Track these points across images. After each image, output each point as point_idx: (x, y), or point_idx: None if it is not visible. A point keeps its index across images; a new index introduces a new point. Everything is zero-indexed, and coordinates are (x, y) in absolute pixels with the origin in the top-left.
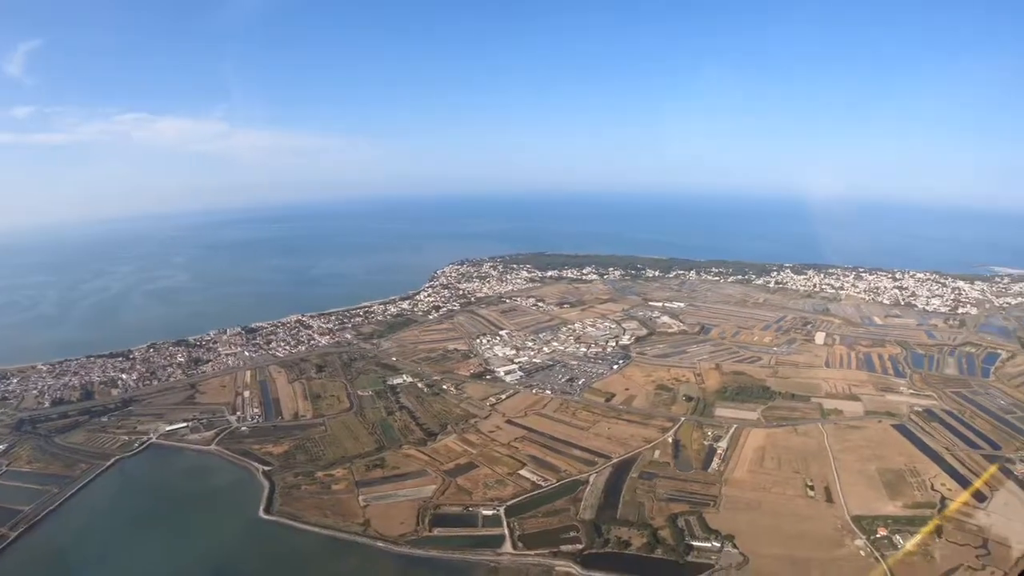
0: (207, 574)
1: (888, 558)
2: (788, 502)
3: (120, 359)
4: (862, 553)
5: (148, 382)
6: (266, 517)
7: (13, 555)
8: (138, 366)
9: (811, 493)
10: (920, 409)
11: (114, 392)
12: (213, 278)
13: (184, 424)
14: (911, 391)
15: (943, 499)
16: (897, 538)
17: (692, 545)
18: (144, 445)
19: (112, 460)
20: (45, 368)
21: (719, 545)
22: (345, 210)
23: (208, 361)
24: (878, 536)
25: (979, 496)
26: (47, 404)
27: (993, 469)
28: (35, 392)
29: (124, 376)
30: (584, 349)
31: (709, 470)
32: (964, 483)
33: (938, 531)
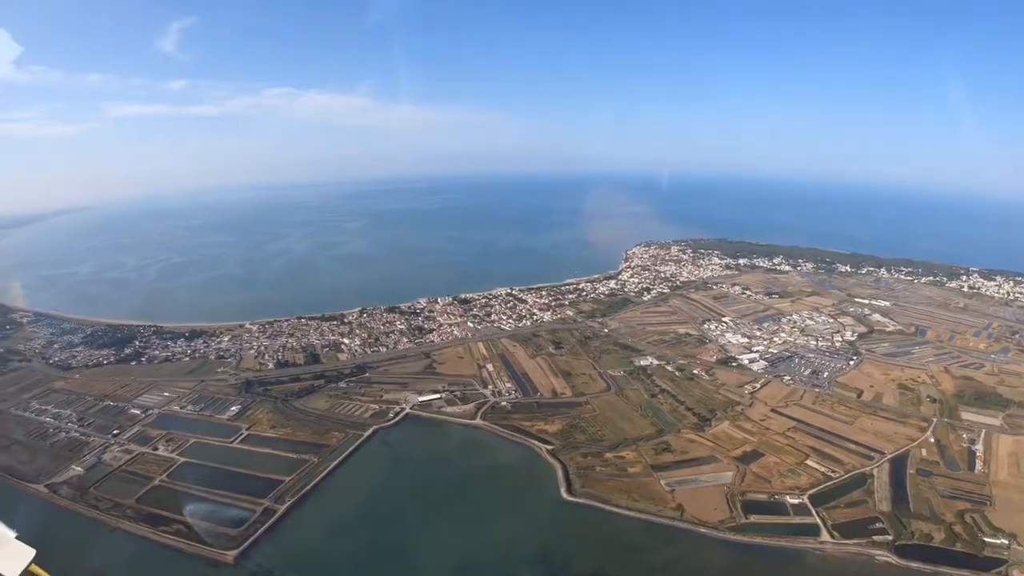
0: (535, 557)
1: None
2: None
3: (334, 322)
4: None
5: (374, 349)
6: (570, 499)
7: (289, 531)
8: (357, 331)
9: None
10: None
11: (341, 357)
12: (395, 247)
13: (437, 396)
14: None
15: None
16: None
17: (985, 541)
18: (400, 415)
19: (371, 430)
20: (255, 328)
21: (1007, 542)
22: (494, 183)
23: (432, 330)
24: None
25: None
26: (271, 365)
27: None
28: (252, 352)
29: (346, 340)
30: (814, 342)
31: (975, 471)
32: None
33: None
